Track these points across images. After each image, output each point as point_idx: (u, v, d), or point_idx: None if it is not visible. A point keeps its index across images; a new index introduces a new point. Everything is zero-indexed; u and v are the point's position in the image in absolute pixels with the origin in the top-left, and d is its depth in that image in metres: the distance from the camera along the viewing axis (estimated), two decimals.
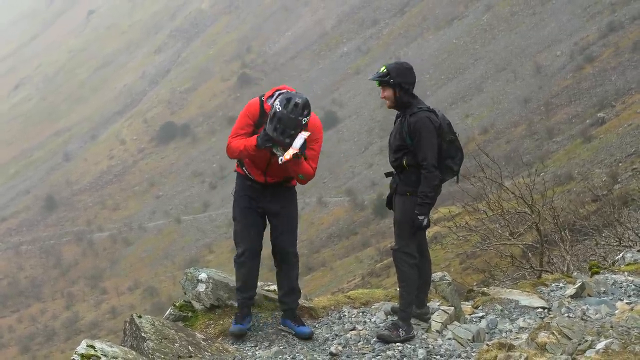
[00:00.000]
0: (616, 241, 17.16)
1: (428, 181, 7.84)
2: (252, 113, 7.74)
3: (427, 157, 7.82)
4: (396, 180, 8.12)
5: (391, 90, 7.96)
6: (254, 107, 7.74)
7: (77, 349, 6.38)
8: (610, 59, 79.05)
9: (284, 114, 7.44)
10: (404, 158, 7.97)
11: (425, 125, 7.86)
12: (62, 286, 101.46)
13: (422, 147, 7.85)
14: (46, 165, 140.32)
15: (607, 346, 6.83)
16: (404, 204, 7.99)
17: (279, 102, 7.48)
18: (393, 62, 8.23)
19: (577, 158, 60.06)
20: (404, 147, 7.97)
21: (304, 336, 8.07)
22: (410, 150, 7.94)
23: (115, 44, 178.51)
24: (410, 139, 7.90)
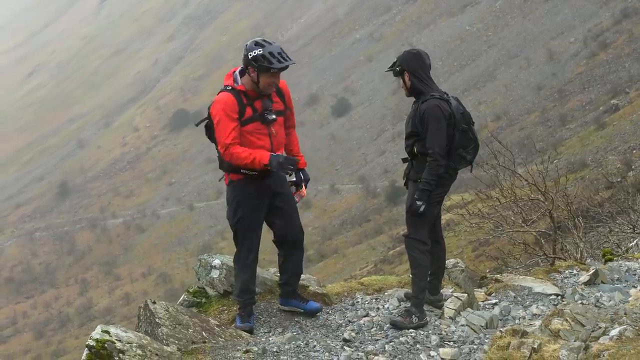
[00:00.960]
0: (630, 228, 17.13)
1: (432, 169, 7.81)
2: (231, 106, 7.56)
3: (433, 145, 7.79)
4: (409, 167, 8.13)
5: (406, 77, 7.95)
6: (230, 100, 7.57)
7: (92, 334, 6.41)
8: (624, 45, 78.70)
9: (269, 47, 7.54)
10: (415, 145, 7.95)
11: (434, 113, 7.82)
12: (75, 272, 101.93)
13: (429, 135, 7.82)
14: (60, 152, 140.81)
15: (620, 333, 6.83)
16: (415, 191, 7.98)
17: (254, 50, 7.52)
18: (403, 51, 8.17)
19: (590, 145, 59.89)
20: (415, 133, 7.94)
21: (315, 311, 8.16)
22: (421, 138, 7.92)
23: (128, 31, 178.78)
24: (421, 126, 7.88)
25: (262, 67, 7.48)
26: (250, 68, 7.56)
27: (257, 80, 7.56)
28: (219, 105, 7.55)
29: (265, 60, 7.46)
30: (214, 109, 7.59)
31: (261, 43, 7.55)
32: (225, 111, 7.53)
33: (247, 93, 7.61)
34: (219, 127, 7.55)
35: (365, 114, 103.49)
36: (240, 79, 7.67)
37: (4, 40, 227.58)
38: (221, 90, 7.67)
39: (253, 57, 7.49)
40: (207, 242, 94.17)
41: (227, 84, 7.66)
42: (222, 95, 7.60)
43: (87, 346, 6.32)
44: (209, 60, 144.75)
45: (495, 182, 17.14)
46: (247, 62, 7.56)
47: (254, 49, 7.51)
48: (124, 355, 6.27)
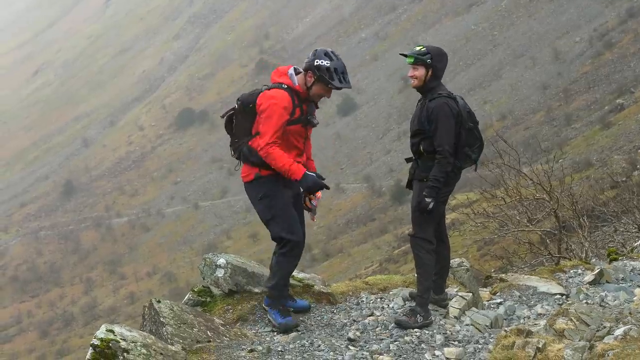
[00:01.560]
0: (635, 228, 17.10)
1: (441, 166, 7.82)
2: (288, 105, 7.60)
3: (442, 143, 7.80)
4: (414, 166, 8.11)
5: (424, 70, 7.93)
6: (287, 98, 7.61)
7: (96, 333, 6.42)
8: (629, 45, 78.61)
9: (337, 63, 7.63)
10: (421, 144, 7.95)
11: (443, 111, 7.83)
12: (80, 271, 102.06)
13: (438, 133, 7.82)
14: (65, 151, 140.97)
15: (625, 332, 6.83)
16: (421, 190, 7.97)
17: (322, 59, 7.61)
18: (432, 45, 8.20)
19: (595, 144, 59.83)
20: (421, 132, 7.94)
21: (305, 309, 8.21)
22: (427, 136, 7.91)
23: (134, 30, 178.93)
24: (429, 124, 7.87)
25: (322, 79, 7.60)
26: (310, 72, 7.65)
27: (310, 86, 7.66)
28: (275, 101, 7.56)
29: (329, 74, 7.58)
30: (268, 104, 7.56)
31: (330, 55, 7.64)
32: (281, 108, 7.57)
33: (300, 94, 7.70)
34: (268, 122, 7.54)
35: (370, 113, 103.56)
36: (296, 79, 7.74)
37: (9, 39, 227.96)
38: (274, 87, 7.67)
39: (318, 65, 7.59)
40: (212, 241, 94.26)
41: (282, 81, 7.71)
42: (280, 92, 7.62)
43: (91, 345, 6.33)
44: (215, 59, 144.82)
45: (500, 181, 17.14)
46: (310, 66, 7.65)
47: (322, 58, 7.62)
48: (129, 355, 6.28)
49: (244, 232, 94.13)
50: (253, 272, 8.58)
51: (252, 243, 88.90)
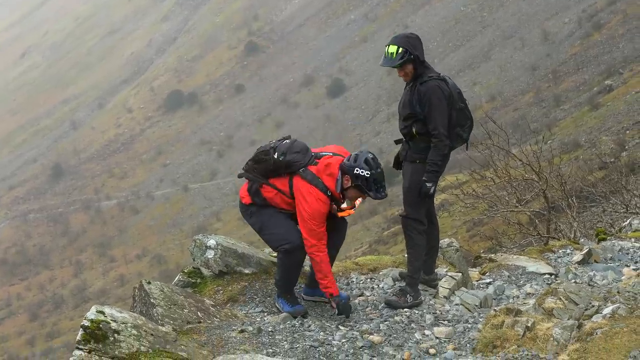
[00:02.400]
0: (623, 208, 17.17)
1: (438, 150, 7.84)
2: (327, 207, 7.61)
3: (437, 126, 7.81)
4: (405, 148, 8.12)
5: (411, 65, 7.90)
6: (326, 203, 7.60)
7: (86, 314, 6.42)
8: (618, 26, 78.61)
9: (375, 174, 7.56)
10: (414, 126, 7.94)
11: (435, 94, 7.83)
12: (70, 254, 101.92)
13: (433, 116, 7.83)
14: (53, 133, 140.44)
15: (613, 311, 6.87)
16: (413, 172, 7.99)
17: (363, 169, 7.53)
18: (400, 36, 8.01)
19: (584, 126, 59.90)
20: (413, 115, 7.93)
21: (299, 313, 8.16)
22: (419, 119, 7.90)
23: (122, 12, 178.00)
24: (421, 107, 7.86)
25: (360, 187, 7.59)
26: (347, 177, 7.61)
27: (345, 188, 7.66)
28: (317, 206, 7.56)
29: (367, 184, 7.56)
30: (313, 209, 7.52)
31: (371, 164, 7.56)
32: (323, 211, 7.57)
33: (336, 198, 7.71)
34: (313, 226, 7.52)
35: (360, 94, 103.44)
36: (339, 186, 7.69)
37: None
38: (317, 184, 7.60)
39: (357, 175, 7.55)
40: (201, 223, 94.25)
41: (328, 184, 7.63)
42: (324, 202, 7.59)
43: (82, 326, 6.33)
44: (203, 41, 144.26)
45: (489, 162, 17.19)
46: (349, 171, 7.58)
47: (363, 167, 7.54)
48: (119, 336, 6.29)
49: (234, 214, 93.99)
50: (243, 254, 8.60)
51: (242, 225, 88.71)
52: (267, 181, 7.73)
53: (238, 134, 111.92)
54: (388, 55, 7.85)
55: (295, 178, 7.62)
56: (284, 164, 7.64)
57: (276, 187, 7.69)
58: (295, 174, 7.64)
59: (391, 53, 7.84)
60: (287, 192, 7.66)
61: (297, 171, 7.64)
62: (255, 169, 7.80)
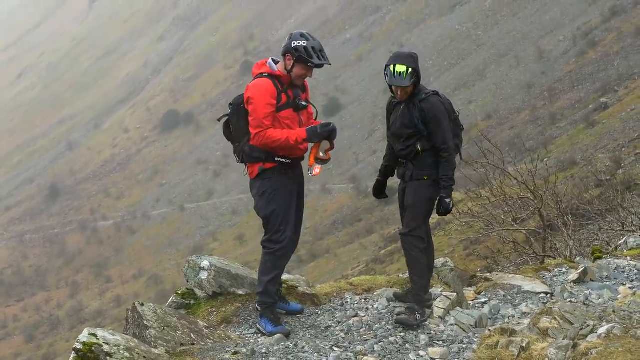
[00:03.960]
0: (619, 226, 17.16)
1: (450, 164, 7.92)
2: (271, 93, 7.64)
3: (446, 140, 7.89)
4: (409, 168, 8.06)
5: (412, 85, 7.90)
6: (269, 84, 7.67)
7: (79, 337, 6.40)
8: (613, 43, 78.84)
9: (313, 42, 7.79)
10: (418, 144, 7.94)
11: (439, 109, 7.91)
12: (66, 275, 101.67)
13: (441, 131, 7.88)
14: (50, 154, 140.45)
15: (608, 331, 6.84)
16: (420, 188, 8.00)
17: (298, 40, 7.75)
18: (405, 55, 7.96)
19: (580, 143, 59.96)
20: (417, 133, 7.94)
21: (298, 312, 8.19)
22: (423, 136, 7.92)
23: (118, 32, 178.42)
24: (424, 124, 7.88)
25: (301, 58, 7.69)
26: (288, 55, 7.74)
27: (290, 69, 7.71)
28: (257, 89, 7.65)
29: (307, 52, 7.68)
30: (252, 93, 7.67)
31: (306, 36, 7.79)
32: (263, 93, 7.62)
33: (282, 80, 7.75)
34: (256, 111, 7.60)
35: (356, 113, 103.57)
36: (275, 66, 7.79)
37: None
38: (256, 78, 7.78)
39: (295, 47, 7.71)
40: (198, 244, 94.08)
41: (262, 71, 7.80)
42: (260, 81, 7.72)
43: (74, 349, 6.31)
44: (199, 61, 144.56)
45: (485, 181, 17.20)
46: (287, 49, 7.76)
47: (299, 39, 7.75)
48: (112, 358, 6.26)
49: (230, 234, 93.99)
50: (237, 274, 8.57)
51: (238, 245, 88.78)
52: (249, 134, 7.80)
53: None
54: (396, 75, 7.79)
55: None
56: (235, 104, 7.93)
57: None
58: None
59: (399, 72, 7.78)
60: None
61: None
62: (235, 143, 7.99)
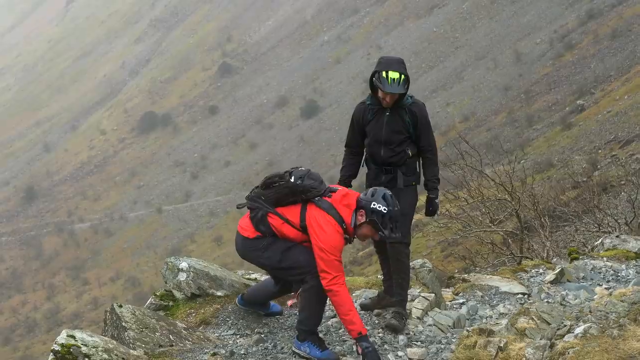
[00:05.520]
0: (595, 227, 17.27)
1: (435, 164, 7.92)
2: (340, 248, 7.09)
3: (432, 142, 7.89)
4: (398, 175, 7.92)
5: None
6: (342, 235, 7.12)
7: (57, 339, 6.37)
8: (589, 46, 79.32)
9: (392, 211, 7.14)
10: (408, 149, 7.87)
11: (426, 112, 7.90)
12: (43, 277, 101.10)
13: (428, 134, 7.87)
14: (26, 155, 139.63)
15: (585, 330, 6.88)
16: (409, 195, 7.92)
17: (379, 202, 7.12)
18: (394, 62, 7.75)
19: (557, 145, 60.28)
20: (407, 138, 7.86)
21: (277, 313, 8.14)
22: (412, 141, 7.89)
23: (94, 34, 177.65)
24: (414, 128, 7.83)
25: (374, 224, 7.14)
26: (362, 211, 7.18)
27: (359, 224, 7.22)
28: (334, 241, 7.08)
29: (383, 222, 7.11)
30: (328, 239, 7.06)
31: (389, 201, 7.15)
32: (338, 248, 7.09)
33: (349, 232, 7.27)
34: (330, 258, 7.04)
35: (334, 115, 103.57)
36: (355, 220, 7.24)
37: None
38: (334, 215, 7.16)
39: (374, 209, 7.13)
40: (176, 245, 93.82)
41: (344, 215, 7.19)
42: (339, 234, 7.12)
43: (52, 351, 6.29)
44: (177, 62, 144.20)
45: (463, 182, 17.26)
46: (365, 207, 7.16)
47: (381, 202, 7.13)
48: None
49: (208, 236, 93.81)
50: (216, 276, 8.56)
51: (216, 247, 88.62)
52: (274, 210, 7.25)
53: (212, 155, 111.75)
54: (391, 82, 7.59)
55: (310, 206, 7.16)
56: (301, 188, 7.20)
57: (283, 217, 7.20)
58: (309, 203, 7.21)
59: (393, 79, 7.59)
60: (296, 224, 7.18)
61: (313, 199, 7.21)
62: (262, 196, 7.32)
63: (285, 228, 7.21)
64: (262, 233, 7.28)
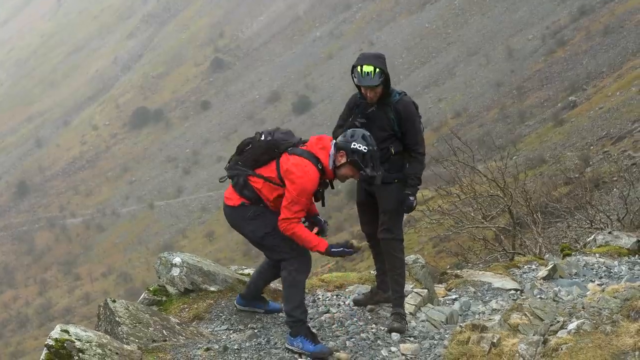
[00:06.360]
0: (588, 223, 17.31)
1: (420, 163, 7.84)
2: (314, 183, 7.21)
3: (419, 140, 7.81)
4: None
5: (382, 86, 7.71)
6: (315, 176, 7.20)
7: (51, 333, 6.37)
8: (581, 42, 79.40)
9: (372, 150, 7.27)
10: (392, 147, 7.84)
11: (413, 110, 7.82)
12: (35, 272, 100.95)
13: (416, 132, 7.79)
14: (18, 151, 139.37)
15: (578, 326, 6.90)
16: (394, 192, 7.87)
17: (360, 144, 7.24)
18: (372, 56, 7.74)
19: (549, 141, 60.33)
20: (391, 136, 7.83)
21: (277, 310, 8.07)
22: (396, 138, 7.84)
23: (87, 29, 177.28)
24: (399, 126, 7.79)
25: (356, 164, 7.26)
26: (342, 152, 7.29)
27: (339, 165, 7.32)
28: (309, 183, 7.19)
29: (364, 160, 7.24)
30: (301, 181, 7.15)
31: (368, 140, 7.26)
32: (311, 190, 7.23)
33: (326, 173, 7.36)
34: (297, 199, 7.13)
35: (326, 111, 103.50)
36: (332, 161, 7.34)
37: None
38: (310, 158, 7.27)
39: (354, 149, 7.24)
40: (167, 241, 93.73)
41: (320, 157, 7.31)
42: (314, 174, 7.23)
43: (46, 346, 6.28)
44: (169, 58, 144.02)
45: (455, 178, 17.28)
46: (345, 147, 7.27)
47: (360, 141, 7.25)
48: (84, 355, 6.24)
49: (200, 232, 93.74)
50: (209, 271, 8.55)
51: (207, 242, 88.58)
52: (253, 171, 7.37)
53: (204, 151, 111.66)
54: (364, 75, 7.59)
55: (283, 157, 7.29)
56: (272, 143, 7.33)
57: (263, 176, 7.31)
58: (282, 154, 7.33)
59: (367, 72, 7.57)
60: (275, 178, 7.28)
61: (286, 150, 7.33)
62: (239, 162, 7.46)
63: (267, 188, 7.33)
64: (247, 199, 7.38)
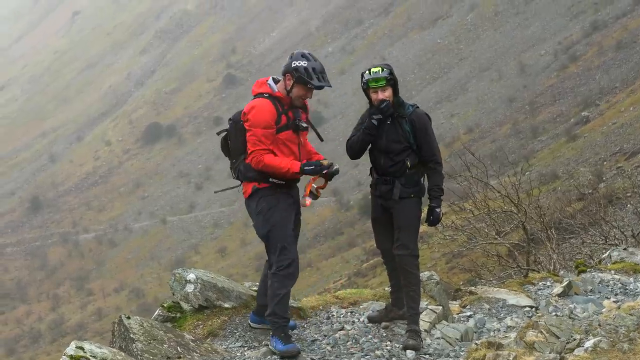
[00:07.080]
0: (602, 239, 17.22)
1: (439, 174, 7.83)
2: (271, 114, 7.49)
3: (435, 152, 7.82)
4: (396, 186, 7.85)
5: (391, 90, 7.77)
6: (269, 106, 7.51)
7: (66, 350, 6.35)
8: (594, 58, 79.36)
9: (314, 63, 7.61)
10: (408, 159, 7.81)
11: (427, 121, 7.85)
12: (47, 288, 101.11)
13: (430, 143, 7.80)
14: (31, 166, 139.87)
15: (595, 344, 6.85)
16: (410, 207, 7.84)
17: (299, 60, 7.58)
18: (378, 63, 8.00)
19: (562, 157, 60.25)
20: (407, 148, 7.82)
21: (291, 328, 8.01)
22: (412, 150, 7.83)
23: (100, 45, 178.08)
24: (414, 138, 7.79)
25: (301, 79, 7.53)
26: (288, 75, 7.58)
27: (290, 89, 7.59)
28: (257, 110, 7.50)
29: (307, 73, 7.53)
30: (251, 115, 7.49)
31: (307, 56, 7.63)
32: (263, 115, 7.48)
33: (282, 101, 7.60)
34: (254, 132, 7.47)
35: (338, 126, 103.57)
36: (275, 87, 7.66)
37: None
38: (256, 97, 7.62)
39: (295, 67, 7.53)
40: (180, 257, 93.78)
41: (262, 91, 7.64)
42: (260, 101, 7.54)
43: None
44: (182, 73, 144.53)
45: (468, 194, 17.22)
46: (287, 69, 7.59)
47: (299, 59, 7.58)
48: None
49: (212, 247, 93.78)
50: (223, 287, 8.54)
51: (220, 258, 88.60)
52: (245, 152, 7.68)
53: (217, 167, 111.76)
54: (372, 73, 7.78)
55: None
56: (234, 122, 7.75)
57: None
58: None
59: (375, 71, 7.77)
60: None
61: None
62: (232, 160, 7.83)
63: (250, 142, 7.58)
64: (254, 180, 7.63)
